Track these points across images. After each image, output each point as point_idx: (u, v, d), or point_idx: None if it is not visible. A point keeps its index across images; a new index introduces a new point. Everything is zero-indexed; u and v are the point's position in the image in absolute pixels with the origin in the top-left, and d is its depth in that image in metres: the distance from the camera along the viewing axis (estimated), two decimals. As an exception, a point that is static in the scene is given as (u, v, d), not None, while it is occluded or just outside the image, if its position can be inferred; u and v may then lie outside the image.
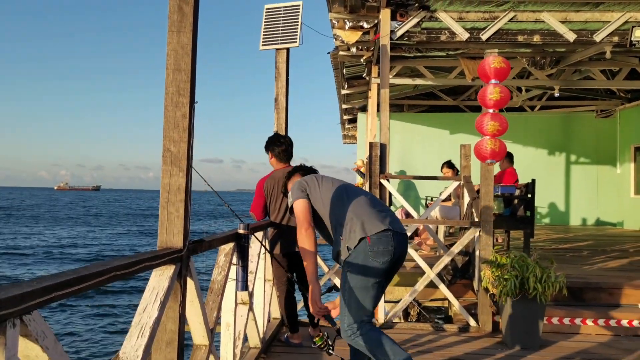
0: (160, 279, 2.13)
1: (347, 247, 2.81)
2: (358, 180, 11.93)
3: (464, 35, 6.28)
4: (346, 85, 10.56)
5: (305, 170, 3.51)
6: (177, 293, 2.26)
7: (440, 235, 7.34)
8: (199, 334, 2.71)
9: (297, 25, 4.91)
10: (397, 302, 6.22)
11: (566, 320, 4.99)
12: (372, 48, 7.81)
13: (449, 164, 8.22)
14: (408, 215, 8.74)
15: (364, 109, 13.26)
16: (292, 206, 3.02)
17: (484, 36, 6.28)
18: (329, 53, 8.79)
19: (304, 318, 4.77)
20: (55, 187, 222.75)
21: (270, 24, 4.98)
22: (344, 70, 9.66)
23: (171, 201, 2.25)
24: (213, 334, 2.86)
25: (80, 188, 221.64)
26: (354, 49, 7.89)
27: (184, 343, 2.32)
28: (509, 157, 7.30)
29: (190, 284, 2.43)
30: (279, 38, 4.92)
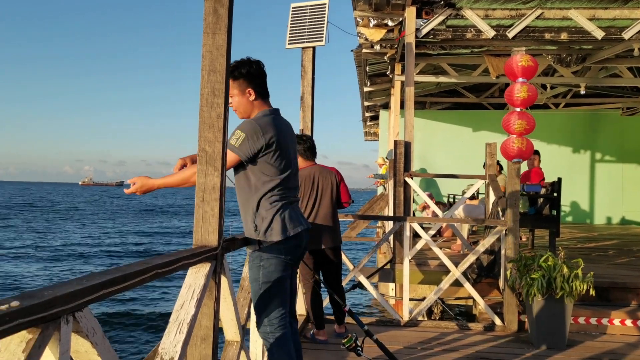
0: (196, 276, 2.17)
1: None
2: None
3: (490, 33, 6.24)
4: (369, 83, 10.56)
5: None
6: (212, 290, 2.30)
7: (464, 234, 7.31)
8: (231, 330, 2.75)
9: (324, 23, 4.92)
10: (421, 300, 6.22)
11: (593, 320, 4.95)
12: (395, 46, 7.80)
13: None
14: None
15: (385, 106, 13.24)
16: None
17: (511, 34, 6.24)
18: (352, 51, 8.79)
19: (329, 315, 4.81)
20: (80, 183, 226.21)
21: (297, 23, 5.00)
22: (367, 68, 9.66)
23: (206, 200, 2.29)
24: (244, 330, 2.90)
25: (104, 183, 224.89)
26: (377, 47, 7.88)
27: (218, 339, 2.37)
28: (537, 155, 7.24)
29: (224, 281, 2.48)
30: (305, 37, 4.94)
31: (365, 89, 11.09)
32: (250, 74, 2.69)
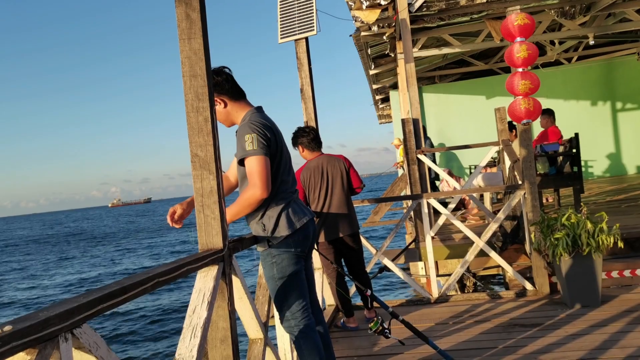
0: (205, 280, 2.19)
1: None
2: (398, 158, 11.85)
3: (484, -3, 6.13)
4: (373, 65, 10.48)
5: None
6: (224, 291, 2.32)
7: (487, 203, 7.22)
8: (252, 329, 2.78)
9: (312, 12, 4.89)
10: (450, 275, 6.18)
11: (627, 273, 4.85)
12: (393, 24, 7.71)
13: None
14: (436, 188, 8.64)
15: (394, 86, 13.13)
16: None
17: (506, -6, 6.11)
18: (351, 36, 8.73)
19: (358, 302, 4.81)
20: (110, 205, 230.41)
21: (286, 16, 4.99)
22: (369, 51, 9.58)
23: (206, 204, 2.30)
24: (267, 327, 2.92)
25: (133, 202, 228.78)
26: (375, 28, 7.80)
27: (237, 339, 2.39)
28: (551, 114, 7.08)
29: (236, 281, 2.50)
30: (296, 28, 4.92)
31: (371, 72, 11.01)
32: (215, 85, 2.65)
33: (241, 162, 2.61)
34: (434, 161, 8.94)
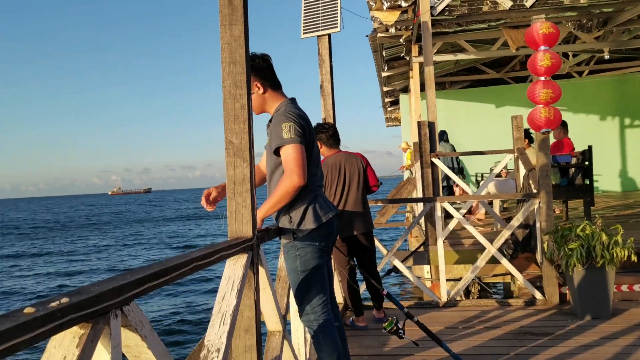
0: (234, 267, 2.18)
1: None
2: (405, 162, 11.85)
3: (507, 4, 6.12)
4: (386, 67, 10.47)
5: None
6: (251, 281, 2.31)
7: (497, 210, 7.22)
8: (272, 320, 2.77)
9: (337, 10, 4.88)
10: (458, 280, 6.17)
11: (637, 287, 4.84)
12: (411, 27, 7.70)
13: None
14: (452, 193, 8.64)
15: (405, 89, 13.13)
16: None
17: (528, 3, 6.11)
18: (367, 36, 8.72)
19: (368, 301, 4.80)
20: (110, 193, 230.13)
21: (310, 11, 4.98)
22: (383, 52, 9.57)
23: (237, 192, 2.29)
24: (285, 320, 2.91)
25: (133, 191, 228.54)
26: (392, 30, 7.80)
27: (260, 329, 2.38)
28: (564, 125, 7.08)
29: (262, 271, 2.49)
30: (320, 25, 4.91)
31: (383, 74, 11.00)
32: (256, 69, 2.66)
33: (276, 152, 2.60)
34: (457, 166, 8.85)
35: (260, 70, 2.68)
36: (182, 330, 11.09)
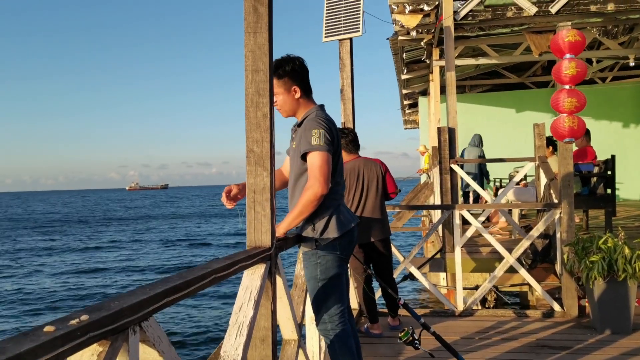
0: (252, 277, 2.16)
1: None
2: (423, 165, 11.77)
3: (531, 10, 6.04)
4: (406, 70, 10.40)
5: None
6: (269, 291, 2.29)
7: (515, 218, 7.13)
8: (288, 329, 2.75)
9: (359, 13, 4.85)
10: (474, 288, 6.10)
11: (658, 303, 4.74)
12: (432, 31, 7.64)
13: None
14: (477, 199, 8.55)
15: (424, 92, 13.04)
16: None
17: (554, 9, 6.01)
18: (388, 39, 8.66)
19: (383, 308, 4.76)
20: (127, 188, 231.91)
21: (332, 15, 4.95)
22: (404, 55, 9.51)
23: (257, 200, 2.27)
24: (301, 328, 2.89)
25: (150, 187, 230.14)
26: (413, 33, 7.74)
27: (276, 339, 2.36)
28: (587, 133, 6.96)
29: (279, 281, 2.47)
30: (342, 28, 4.88)
31: (403, 77, 10.94)
32: (294, 72, 2.66)
33: (303, 157, 2.58)
34: (484, 172, 8.74)
35: (299, 74, 2.68)
36: (193, 337, 11.11)
